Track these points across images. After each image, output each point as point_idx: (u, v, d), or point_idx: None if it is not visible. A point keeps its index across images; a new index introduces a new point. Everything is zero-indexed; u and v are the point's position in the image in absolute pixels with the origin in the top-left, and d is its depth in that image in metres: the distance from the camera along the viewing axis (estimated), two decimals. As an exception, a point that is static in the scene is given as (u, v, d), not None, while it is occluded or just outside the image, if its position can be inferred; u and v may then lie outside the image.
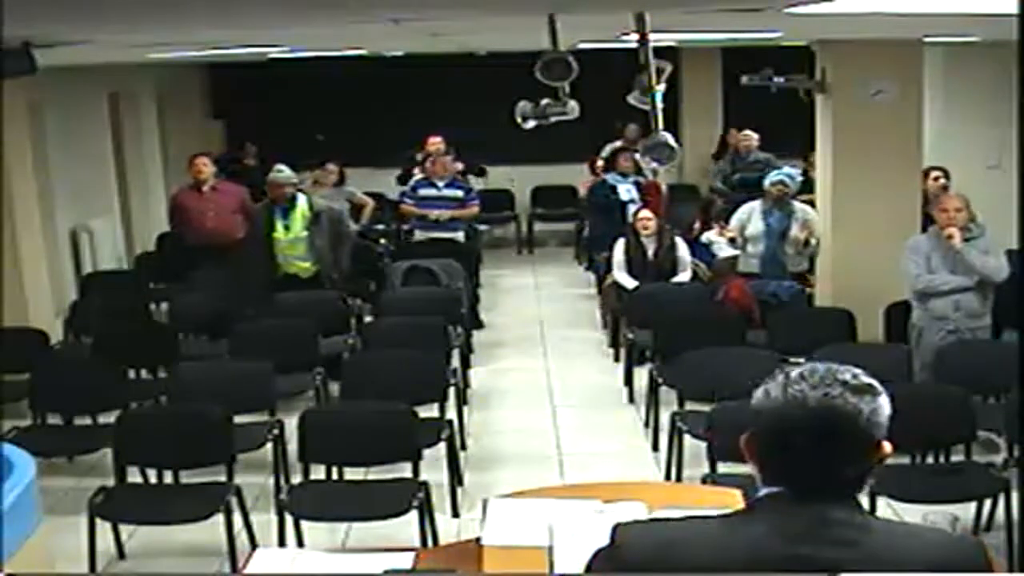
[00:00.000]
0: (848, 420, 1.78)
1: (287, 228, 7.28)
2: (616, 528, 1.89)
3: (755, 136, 10.43)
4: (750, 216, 7.50)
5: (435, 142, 10.11)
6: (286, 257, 7.33)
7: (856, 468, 1.82)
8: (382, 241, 9.87)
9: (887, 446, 1.84)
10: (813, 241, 7.40)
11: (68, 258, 8.81)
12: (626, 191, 9.13)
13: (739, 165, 10.27)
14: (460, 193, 9.33)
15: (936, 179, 7.74)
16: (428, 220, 9.22)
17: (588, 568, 1.97)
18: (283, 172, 7.26)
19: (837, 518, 1.78)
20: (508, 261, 11.74)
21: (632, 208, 8.64)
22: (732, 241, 7.48)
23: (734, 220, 7.59)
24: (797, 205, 7.58)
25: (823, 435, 1.78)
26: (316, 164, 9.73)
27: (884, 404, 1.83)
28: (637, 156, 8.97)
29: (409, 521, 4.61)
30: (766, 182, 7.62)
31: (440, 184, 9.27)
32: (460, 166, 10.17)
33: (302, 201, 7.29)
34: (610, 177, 9.34)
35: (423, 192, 9.31)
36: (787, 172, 7.67)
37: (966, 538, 1.94)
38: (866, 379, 1.83)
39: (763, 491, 1.85)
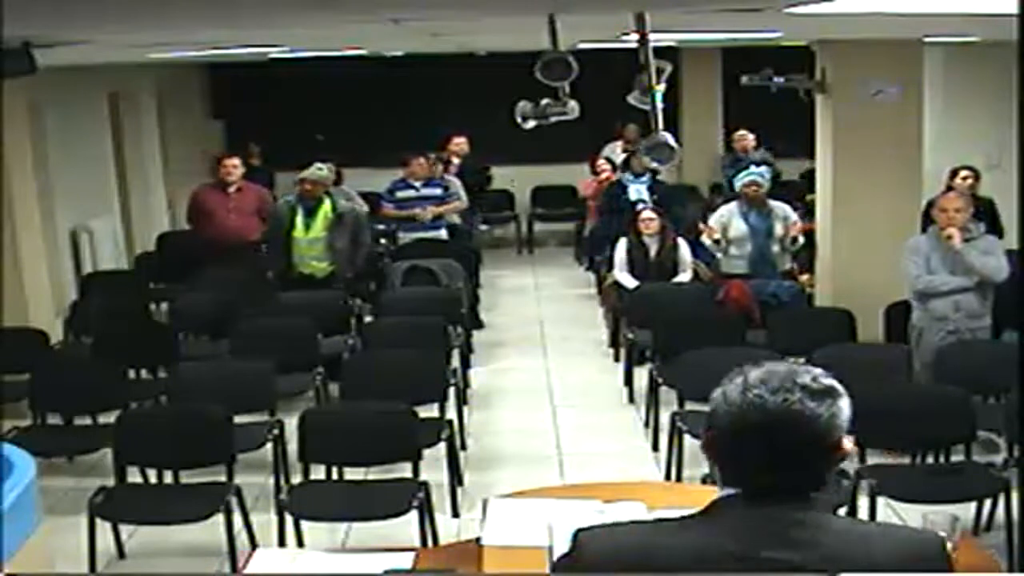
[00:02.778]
0: (807, 425, 1.77)
1: (308, 227, 7.31)
2: (577, 533, 1.88)
3: (751, 136, 10.41)
4: (730, 218, 7.46)
5: (459, 142, 10.08)
6: (303, 257, 7.37)
7: (815, 470, 1.82)
8: (382, 241, 9.87)
9: (848, 444, 1.83)
10: (800, 239, 7.41)
11: (68, 258, 8.81)
12: (636, 191, 9.10)
13: (738, 167, 10.25)
14: (438, 191, 9.33)
15: (965, 178, 7.68)
16: (410, 221, 9.22)
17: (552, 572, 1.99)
18: (323, 171, 7.33)
19: (795, 519, 1.78)
20: (508, 261, 11.74)
21: (641, 208, 8.61)
22: (716, 243, 7.44)
23: (713, 222, 7.53)
24: (773, 203, 7.56)
25: (782, 441, 1.78)
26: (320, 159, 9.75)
27: (844, 406, 1.82)
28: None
29: (409, 521, 4.61)
30: (737, 183, 7.61)
31: (418, 184, 9.27)
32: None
33: (326, 202, 7.33)
34: (624, 177, 9.31)
35: (401, 194, 9.30)
36: (757, 171, 7.65)
37: (929, 537, 1.94)
38: (826, 381, 1.82)
39: (723, 493, 1.84)
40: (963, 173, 7.73)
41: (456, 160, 10.42)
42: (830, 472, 1.84)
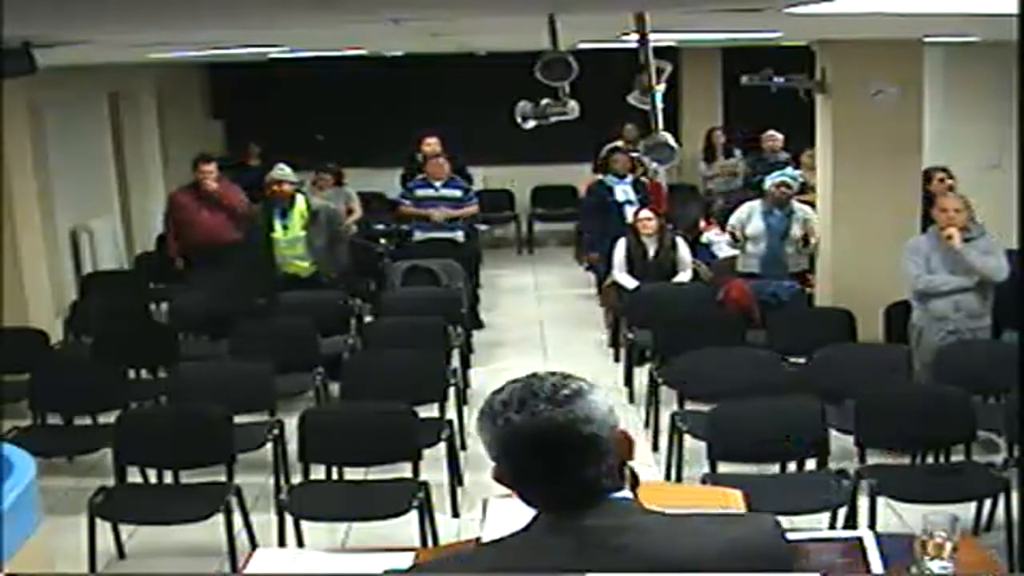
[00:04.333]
0: (565, 432, 1.74)
1: (286, 228, 7.28)
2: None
3: (780, 136, 10.37)
4: (749, 216, 7.50)
5: (431, 143, 10.10)
6: (284, 257, 7.33)
7: (602, 470, 1.77)
8: (382, 241, 9.86)
9: (627, 434, 1.82)
10: (813, 240, 7.43)
11: (68, 258, 8.81)
12: (622, 192, 9.10)
13: (760, 168, 10.19)
14: (458, 193, 9.31)
15: (941, 180, 7.68)
16: (428, 221, 9.20)
17: None
18: (284, 170, 7.29)
19: (603, 525, 1.74)
20: (508, 261, 11.74)
21: (629, 209, 8.63)
22: (735, 241, 7.49)
23: (733, 219, 7.59)
24: (796, 205, 7.59)
25: (549, 454, 1.75)
26: (318, 167, 9.75)
27: (596, 399, 1.78)
28: (635, 155, 8.95)
29: (409, 521, 4.61)
30: (767, 183, 7.63)
31: (438, 184, 9.25)
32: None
33: (300, 201, 7.30)
34: (607, 178, 9.32)
35: (421, 193, 9.29)
36: (789, 173, 7.70)
37: (763, 521, 1.85)
38: (569, 383, 1.79)
39: (534, 513, 1.82)
40: (938, 175, 7.70)
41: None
42: (620, 465, 1.81)
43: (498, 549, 1.85)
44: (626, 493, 1.81)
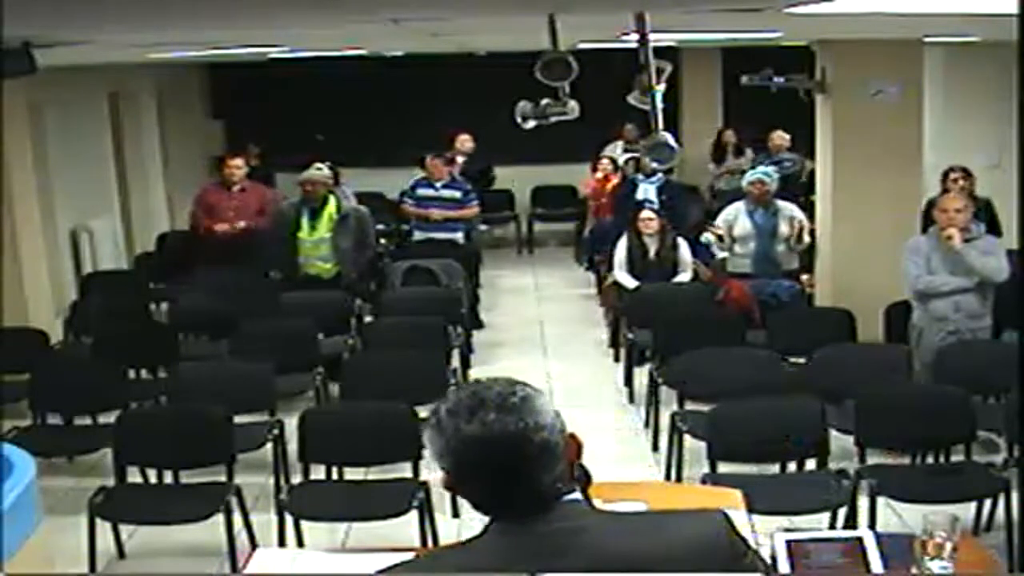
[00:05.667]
0: (515, 440, 1.73)
1: (313, 228, 7.32)
2: None
3: (787, 136, 10.38)
4: (736, 216, 7.49)
5: (464, 139, 10.05)
6: (308, 258, 7.38)
7: (553, 475, 1.78)
8: (382, 241, 9.86)
9: (575, 436, 1.83)
10: (807, 238, 7.42)
11: (68, 258, 8.81)
12: (643, 191, 9.08)
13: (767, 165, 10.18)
14: (458, 194, 9.30)
15: (955, 180, 7.63)
16: (428, 220, 9.21)
17: None
18: (322, 170, 7.34)
19: (558, 529, 1.75)
20: (508, 261, 11.74)
21: (647, 208, 8.58)
22: (721, 241, 7.47)
23: (720, 221, 7.57)
24: (780, 203, 7.57)
25: (501, 463, 1.74)
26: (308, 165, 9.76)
27: (541, 406, 1.78)
28: (636, 154, 8.96)
29: (409, 521, 4.61)
30: (743, 182, 7.65)
31: (438, 185, 9.25)
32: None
33: (331, 203, 7.35)
34: (636, 177, 9.29)
35: (422, 192, 9.30)
36: (763, 170, 7.70)
37: (710, 517, 1.86)
38: (516, 391, 1.78)
39: (487, 521, 1.81)
40: (952, 176, 7.67)
41: (460, 159, 10.37)
42: (568, 469, 1.81)
43: (454, 555, 1.85)
44: (577, 495, 1.82)
